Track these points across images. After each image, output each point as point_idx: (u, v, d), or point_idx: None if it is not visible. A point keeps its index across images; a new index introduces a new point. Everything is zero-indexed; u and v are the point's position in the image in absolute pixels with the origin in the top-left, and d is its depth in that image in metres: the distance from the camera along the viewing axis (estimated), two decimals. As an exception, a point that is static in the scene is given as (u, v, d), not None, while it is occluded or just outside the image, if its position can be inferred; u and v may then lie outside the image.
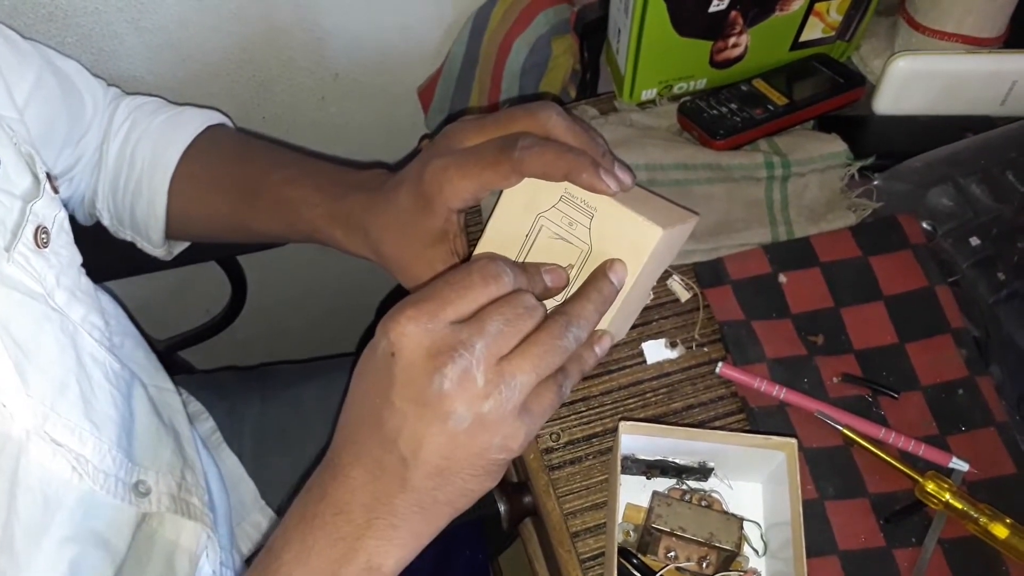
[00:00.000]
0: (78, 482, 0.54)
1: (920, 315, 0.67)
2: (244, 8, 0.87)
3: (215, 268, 0.98)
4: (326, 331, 1.38)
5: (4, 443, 0.49)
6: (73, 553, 0.54)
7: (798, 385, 0.64)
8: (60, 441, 0.53)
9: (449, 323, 0.42)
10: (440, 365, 0.41)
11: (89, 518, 0.55)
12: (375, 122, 1.06)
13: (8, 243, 0.53)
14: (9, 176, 0.55)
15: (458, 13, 0.97)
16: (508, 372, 0.42)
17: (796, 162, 0.73)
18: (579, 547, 0.60)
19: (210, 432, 0.85)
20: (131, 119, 0.76)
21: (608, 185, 0.48)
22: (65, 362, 0.56)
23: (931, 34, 0.79)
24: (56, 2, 0.80)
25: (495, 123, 0.53)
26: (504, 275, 0.44)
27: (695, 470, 0.60)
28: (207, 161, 0.74)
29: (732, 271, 0.70)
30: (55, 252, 0.58)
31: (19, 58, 0.65)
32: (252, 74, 0.95)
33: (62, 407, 0.54)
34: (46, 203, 0.58)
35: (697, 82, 0.81)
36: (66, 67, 0.72)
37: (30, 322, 0.53)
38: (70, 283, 0.59)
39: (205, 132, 0.75)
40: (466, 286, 0.43)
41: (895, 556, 0.58)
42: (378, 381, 0.43)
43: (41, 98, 0.66)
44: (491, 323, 0.42)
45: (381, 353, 0.42)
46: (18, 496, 0.50)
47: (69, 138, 0.72)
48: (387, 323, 0.42)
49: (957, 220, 0.70)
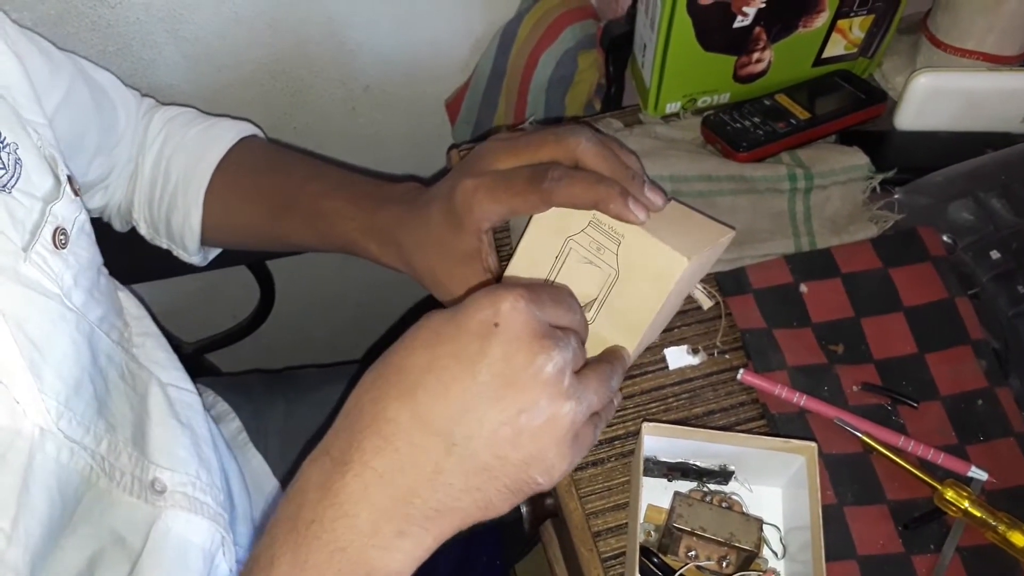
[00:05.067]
0: (95, 480, 0.55)
1: (940, 326, 0.68)
2: (279, 21, 0.90)
3: (244, 273, 1.00)
4: (350, 338, 1.40)
5: (14, 439, 0.50)
6: (90, 550, 0.54)
7: (818, 393, 0.65)
8: (75, 439, 0.54)
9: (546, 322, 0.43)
10: (547, 347, 0.40)
11: (106, 515, 0.56)
12: (403, 133, 1.09)
13: (26, 243, 0.54)
14: (31, 178, 0.56)
15: (486, 27, 0.99)
16: (584, 385, 0.43)
17: (819, 174, 0.75)
18: (600, 547, 0.61)
19: (236, 432, 0.87)
20: (165, 131, 0.78)
21: (636, 215, 0.50)
22: (80, 361, 0.56)
23: (953, 52, 0.80)
24: (99, 12, 0.83)
25: (526, 147, 0.54)
26: (576, 311, 0.46)
27: (716, 473, 0.61)
28: (241, 173, 0.75)
29: (754, 280, 0.71)
30: (73, 253, 0.59)
31: (53, 68, 0.67)
32: (285, 85, 0.97)
33: (77, 405, 0.54)
34: (66, 205, 0.59)
35: (721, 96, 0.83)
36: (100, 78, 0.74)
37: (46, 321, 0.54)
38: (88, 284, 0.60)
39: (238, 144, 0.77)
40: (562, 302, 0.45)
41: (914, 562, 0.59)
42: (461, 350, 0.40)
43: (73, 107, 0.68)
44: (572, 339, 0.43)
45: (479, 322, 0.41)
46: (33, 492, 0.50)
47: (101, 147, 0.73)
48: (493, 295, 0.41)
49: (977, 233, 0.71)
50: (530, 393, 0.40)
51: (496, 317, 0.40)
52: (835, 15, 0.77)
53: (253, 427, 0.88)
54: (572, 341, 0.43)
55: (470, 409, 0.40)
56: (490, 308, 0.41)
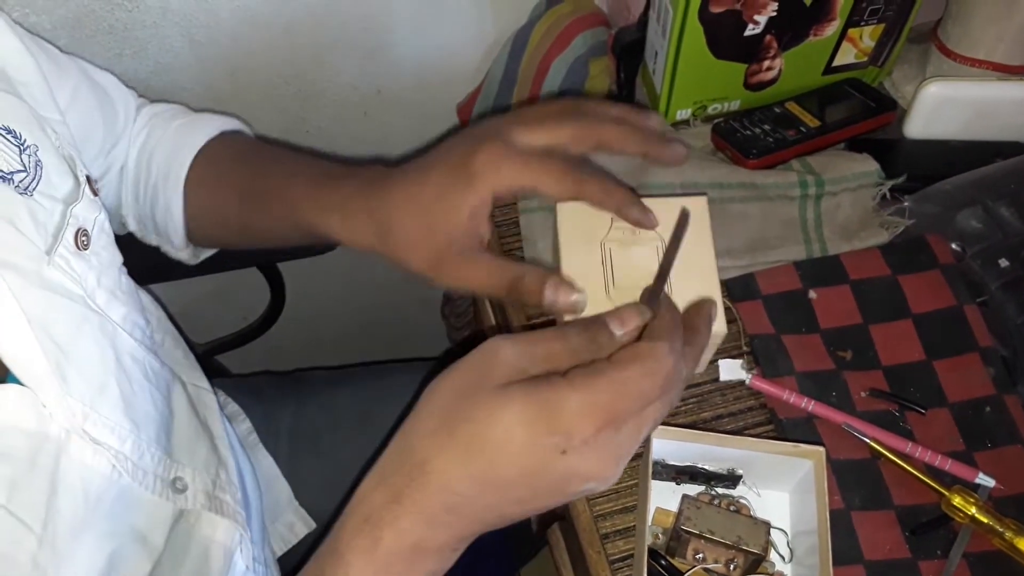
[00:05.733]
0: (117, 479, 0.55)
1: (948, 333, 0.68)
2: (294, 25, 0.91)
3: (254, 275, 1.00)
4: (359, 340, 1.40)
5: (43, 443, 0.50)
6: (112, 548, 0.54)
7: (826, 398, 0.66)
8: (100, 440, 0.54)
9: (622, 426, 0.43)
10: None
11: (128, 514, 0.56)
12: (415, 137, 1.09)
13: (49, 247, 0.54)
14: (51, 180, 0.56)
15: (498, 33, 1.00)
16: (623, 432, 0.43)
17: (830, 181, 0.75)
18: (608, 549, 0.61)
19: (247, 433, 0.87)
20: (149, 126, 0.77)
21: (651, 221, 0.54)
22: (105, 362, 0.56)
23: (962, 61, 0.81)
24: (116, 16, 0.83)
25: (548, 119, 0.56)
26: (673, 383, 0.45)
27: (724, 477, 0.61)
28: (216, 164, 0.74)
29: (763, 286, 0.72)
30: (95, 253, 0.59)
31: (59, 69, 0.67)
32: (298, 88, 0.98)
33: (102, 406, 0.54)
34: (86, 205, 0.59)
35: (731, 103, 0.84)
36: (101, 79, 0.74)
37: (70, 324, 0.54)
38: (111, 284, 0.60)
39: (218, 137, 0.76)
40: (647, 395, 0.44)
41: (920, 568, 0.59)
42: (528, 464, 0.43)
43: (79, 107, 0.68)
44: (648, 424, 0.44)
45: (550, 446, 0.42)
46: (59, 494, 0.50)
47: (102, 148, 0.74)
48: (570, 422, 0.42)
49: (986, 242, 0.72)
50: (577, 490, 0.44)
51: (565, 444, 0.42)
52: (846, 24, 0.78)
53: (263, 428, 0.88)
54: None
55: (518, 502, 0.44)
56: (558, 435, 0.42)
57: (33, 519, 0.48)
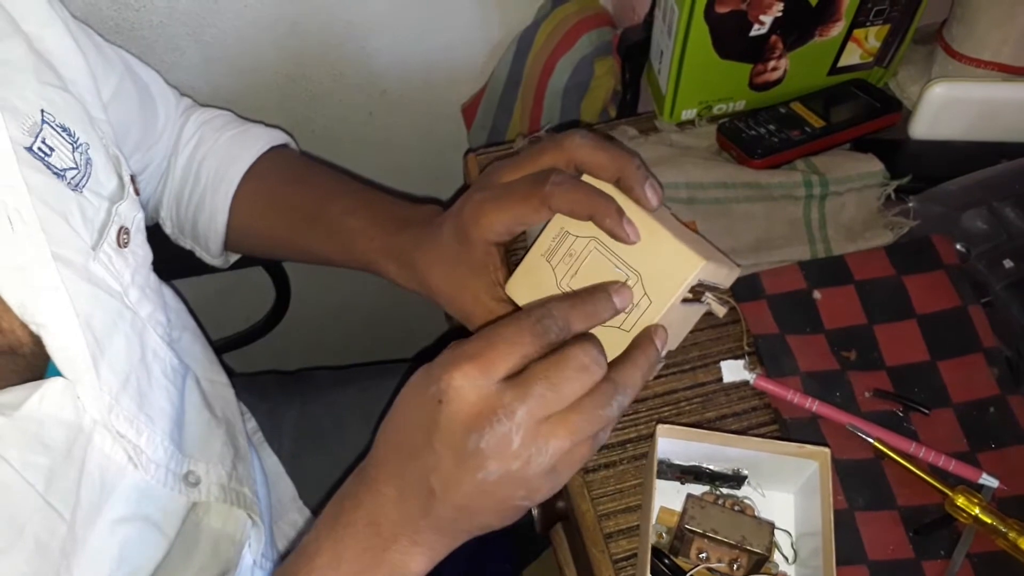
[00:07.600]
0: (132, 471, 0.56)
1: (952, 334, 0.68)
2: (299, 25, 0.91)
3: (259, 274, 1.01)
4: (363, 340, 1.40)
5: (77, 435, 0.51)
6: (124, 534, 0.55)
7: (830, 399, 0.66)
8: (121, 432, 0.55)
9: (498, 381, 0.43)
10: (481, 426, 0.42)
11: (142, 504, 0.57)
12: (420, 137, 1.10)
13: (95, 242, 0.55)
14: (99, 178, 0.58)
15: (503, 34, 1.00)
16: (543, 437, 0.43)
17: (834, 181, 0.75)
18: (612, 548, 0.61)
19: (252, 431, 0.88)
20: (199, 134, 0.79)
21: (627, 235, 0.51)
22: (131, 357, 0.58)
23: (968, 62, 0.81)
24: (123, 15, 0.84)
25: (527, 158, 0.56)
26: (551, 332, 0.45)
27: (729, 477, 0.61)
28: (268, 182, 0.76)
29: (768, 286, 0.72)
30: (132, 251, 0.60)
31: (105, 63, 0.68)
32: (304, 88, 0.98)
33: (124, 400, 0.56)
34: (129, 204, 0.60)
35: (736, 104, 0.84)
36: (145, 76, 0.75)
37: (107, 319, 0.55)
38: (142, 281, 0.62)
39: (268, 152, 0.78)
40: (518, 342, 0.44)
41: (924, 568, 0.59)
42: (421, 419, 0.44)
43: (120, 103, 0.69)
44: (536, 386, 0.43)
45: (430, 396, 0.44)
46: (82, 483, 0.51)
47: (140, 144, 0.75)
48: (440, 370, 0.44)
49: (991, 242, 0.72)
50: (477, 461, 0.43)
51: (440, 394, 0.43)
52: (851, 24, 0.78)
53: (268, 427, 0.89)
54: (519, 406, 0.42)
55: (435, 469, 0.44)
56: (435, 384, 0.44)
57: (65, 508, 0.49)
